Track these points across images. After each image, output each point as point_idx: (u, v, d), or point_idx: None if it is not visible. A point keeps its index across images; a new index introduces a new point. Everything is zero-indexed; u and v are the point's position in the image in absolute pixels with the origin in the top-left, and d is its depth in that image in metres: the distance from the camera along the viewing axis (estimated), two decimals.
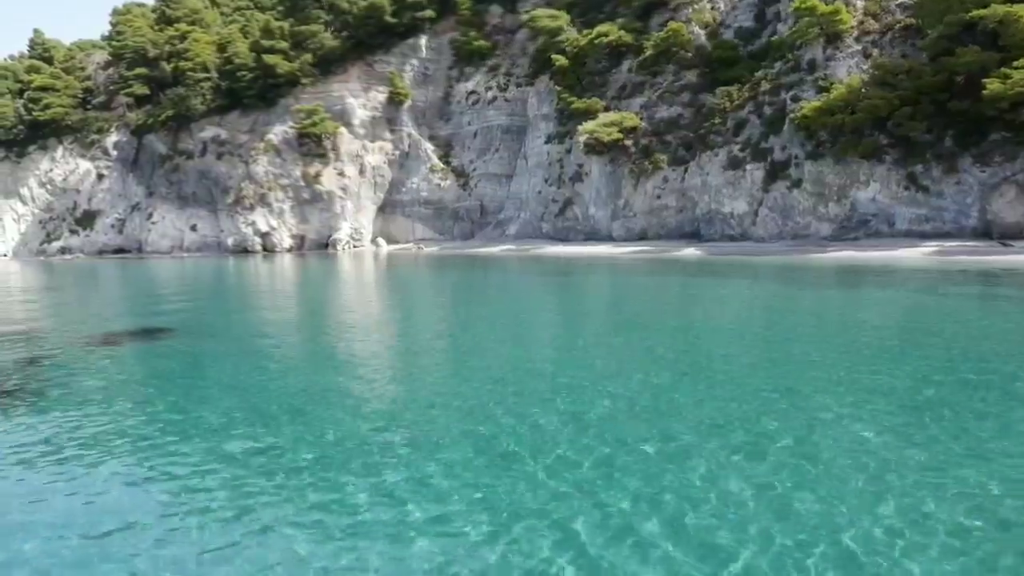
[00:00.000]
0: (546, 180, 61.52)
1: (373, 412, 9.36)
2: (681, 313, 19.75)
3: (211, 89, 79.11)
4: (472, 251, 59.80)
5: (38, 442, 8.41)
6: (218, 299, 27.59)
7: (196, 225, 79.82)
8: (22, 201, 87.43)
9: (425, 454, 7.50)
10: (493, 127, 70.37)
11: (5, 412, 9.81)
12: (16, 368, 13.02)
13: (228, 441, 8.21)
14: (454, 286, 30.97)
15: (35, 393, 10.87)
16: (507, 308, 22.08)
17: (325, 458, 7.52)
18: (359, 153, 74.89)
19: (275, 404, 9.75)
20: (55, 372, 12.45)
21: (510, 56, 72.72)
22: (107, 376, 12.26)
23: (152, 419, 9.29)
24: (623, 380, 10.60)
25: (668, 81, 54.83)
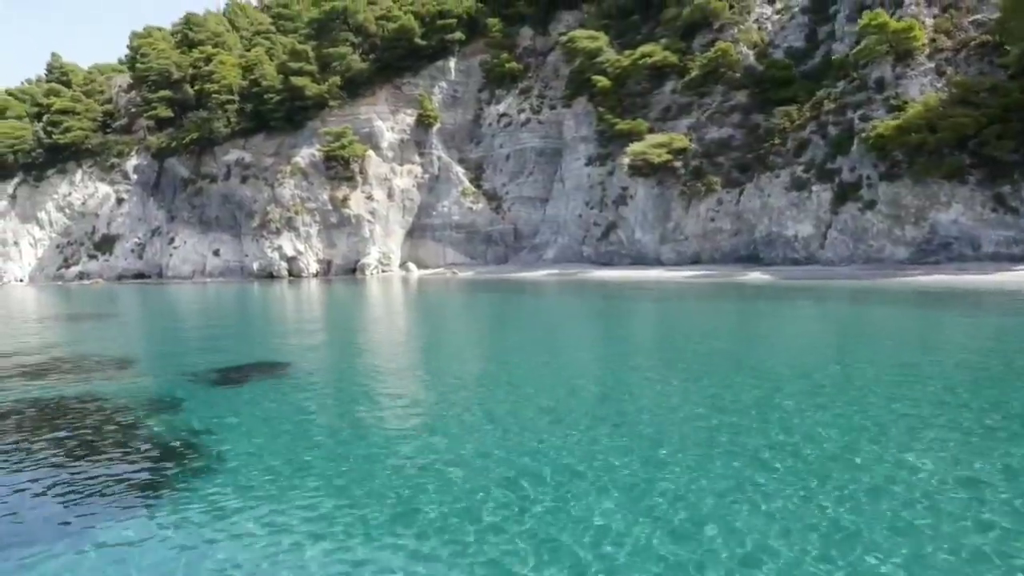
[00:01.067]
0: (587, 203, 59.27)
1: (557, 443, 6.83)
2: (818, 347, 17.17)
3: (236, 112, 77.15)
4: (510, 276, 57.27)
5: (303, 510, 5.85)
6: (290, 328, 24.96)
7: (219, 250, 77.34)
8: (39, 225, 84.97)
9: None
10: (526, 149, 68.29)
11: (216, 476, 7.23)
12: (165, 408, 10.42)
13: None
14: (515, 315, 28.37)
15: (209, 448, 8.31)
16: (592, 340, 19.50)
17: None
18: (387, 176, 72.71)
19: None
20: (206, 412, 9.88)
21: (542, 78, 70.89)
22: (275, 417, 9.68)
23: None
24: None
25: (717, 102, 52.84)
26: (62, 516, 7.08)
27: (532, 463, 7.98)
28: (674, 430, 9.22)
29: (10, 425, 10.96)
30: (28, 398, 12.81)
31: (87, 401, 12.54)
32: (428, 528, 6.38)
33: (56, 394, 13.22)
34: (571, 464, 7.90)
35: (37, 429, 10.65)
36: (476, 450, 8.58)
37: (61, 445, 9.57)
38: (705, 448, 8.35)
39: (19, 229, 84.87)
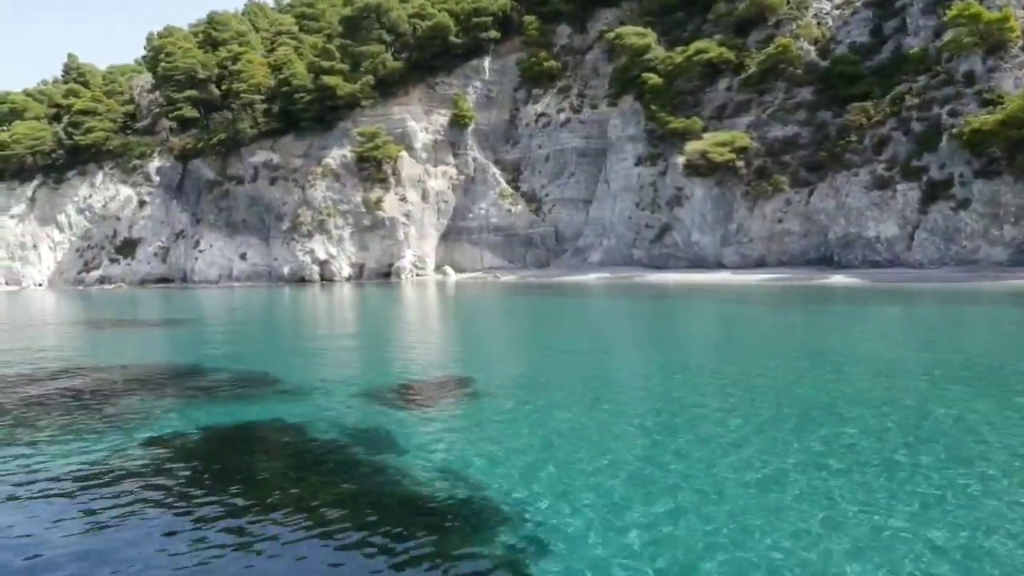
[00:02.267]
0: (637, 204, 56.61)
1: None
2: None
3: (263, 112, 74.33)
4: (555, 280, 54.55)
5: None
6: (406, 332, 22.15)
7: (246, 253, 74.45)
8: (59, 228, 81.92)
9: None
10: (567, 150, 65.63)
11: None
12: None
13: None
14: (593, 319, 25.66)
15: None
16: (727, 350, 16.79)
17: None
18: (421, 178, 69.98)
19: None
20: (461, 450, 7.14)
21: (581, 77, 68.28)
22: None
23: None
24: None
25: (779, 99, 50.32)
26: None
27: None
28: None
29: (255, 470, 8.19)
30: (227, 426, 10.03)
31: (290, 432, 9.80)
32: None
33: (243, 420, 10.47)
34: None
35: (289, 482, 7.88)
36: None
37: (336, 507, 6.78)
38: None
39: (38, 232, 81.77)
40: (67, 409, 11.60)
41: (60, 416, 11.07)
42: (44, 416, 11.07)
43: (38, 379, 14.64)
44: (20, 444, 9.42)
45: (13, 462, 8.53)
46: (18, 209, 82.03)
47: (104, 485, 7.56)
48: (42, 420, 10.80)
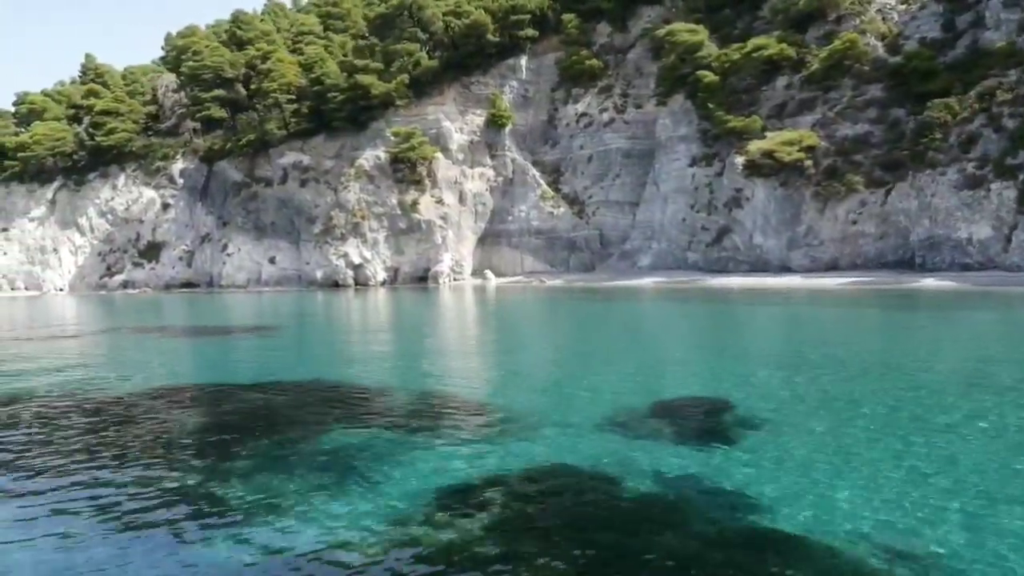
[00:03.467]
0: (691, 206, 54.15)
1: None
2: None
3: (293, 112, 71.74)
4: (606, 284, 52.01)
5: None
6: (545, 342, 19.57)
7: (275, 257, 71.77)
8: (80, 232, 79.10)
9: None
10: (611, 151, 63.17)
11: None
12: None
13: None
14: (727, 328, 23.12)
15: None
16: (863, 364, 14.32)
17: None
18: (458, 179, 67.39)
19: None
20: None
21: (623, 76, 65.84)
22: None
23: None
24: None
25: (847, 96, 47.94)
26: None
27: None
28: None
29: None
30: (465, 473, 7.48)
31: (588, 480, 7.24)
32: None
33: (513, 464, 7.93)
34: None
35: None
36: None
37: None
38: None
39: (58, 236, 78.95)
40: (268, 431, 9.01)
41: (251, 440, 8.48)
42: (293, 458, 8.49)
43: (224, 398, 12.06)
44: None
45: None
46: (38, 212, 79.25)
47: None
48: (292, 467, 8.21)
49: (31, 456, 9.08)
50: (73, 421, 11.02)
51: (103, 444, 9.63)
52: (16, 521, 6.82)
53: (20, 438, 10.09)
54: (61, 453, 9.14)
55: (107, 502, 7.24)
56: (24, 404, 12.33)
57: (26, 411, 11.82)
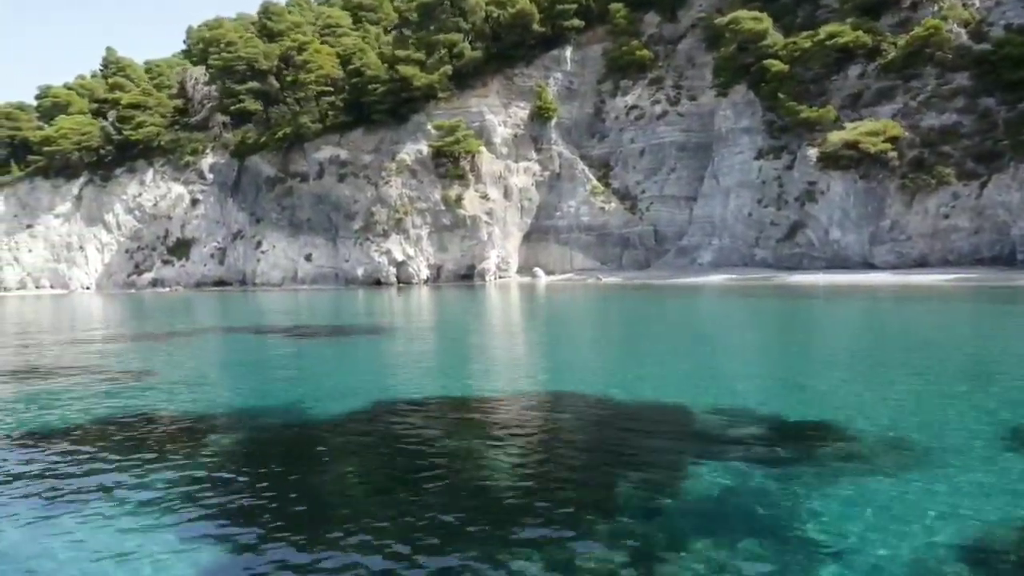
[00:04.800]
0: (758, 201, 51.64)
1: None
2: None
3: (329, 105, 68.96)
4: (670, 282, 49.35)
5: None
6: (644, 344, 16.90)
7: (311, 254, 69.08)
8: (107, 229, 76.32)
9: None
10: (665, 144, 60.61)
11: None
12: None
13: None
14: (858, 331, 20.54)
15: None
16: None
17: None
18: (502, 174, 64.78)
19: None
20: None
21: (674, 67, 63.29)
22: None
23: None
24: None
25: (932, 85, 45.44)
26: None
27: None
28: None
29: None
30: None
31: None
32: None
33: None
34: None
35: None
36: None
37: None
38: None
39: (85, 233, 76.16)
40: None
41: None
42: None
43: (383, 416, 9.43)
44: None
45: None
46: (63, 208, 76.45)
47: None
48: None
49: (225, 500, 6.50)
50: (279, 449, 8.45)
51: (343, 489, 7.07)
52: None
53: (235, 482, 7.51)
54: (256, 493, 6.59)
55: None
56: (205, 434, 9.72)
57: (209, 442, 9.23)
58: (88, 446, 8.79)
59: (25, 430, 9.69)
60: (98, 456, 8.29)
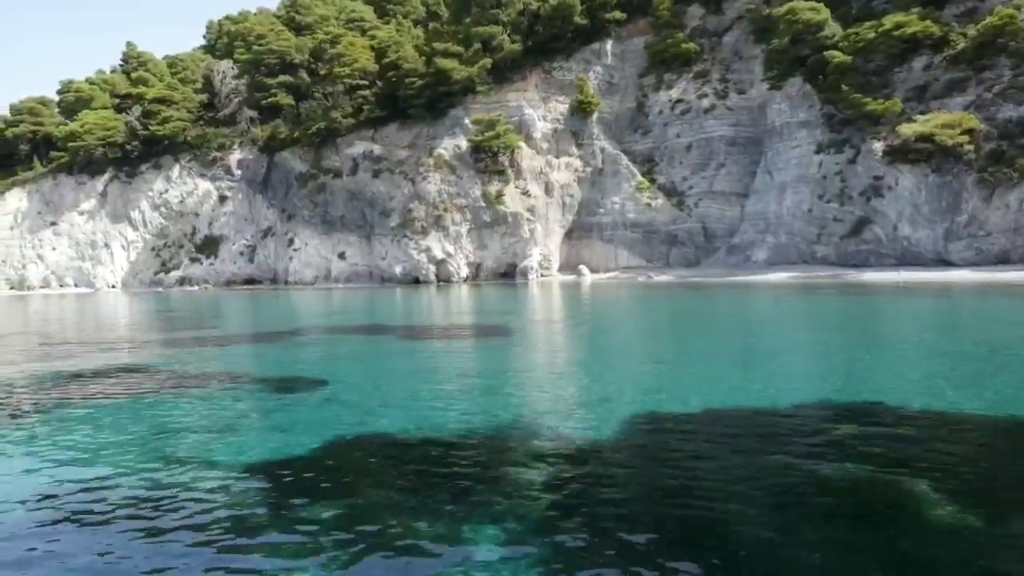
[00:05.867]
0: (819, 196, 49.72)
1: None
2: None
3: (362, 99, 66.87)
4: (727, 280, 47.38)
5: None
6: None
7: (344, 252, 66.97)
8: (132, 226, 74.14)
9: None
10: (713, 139, 58.69)
11: None
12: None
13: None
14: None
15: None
16: None
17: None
18: (543, 170, 62.79)
19: None
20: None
21: (720, 60, 61.38)
22: None
23: None
24: None
25: (1008, 76, 43.58)
26: None
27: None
28: None
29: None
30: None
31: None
32: None
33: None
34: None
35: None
36: None
37: None
38: None
39: (110, 230, 73.97)
40: None
41: None
42: None
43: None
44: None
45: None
46: (88, 205, 74.27)
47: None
48: None
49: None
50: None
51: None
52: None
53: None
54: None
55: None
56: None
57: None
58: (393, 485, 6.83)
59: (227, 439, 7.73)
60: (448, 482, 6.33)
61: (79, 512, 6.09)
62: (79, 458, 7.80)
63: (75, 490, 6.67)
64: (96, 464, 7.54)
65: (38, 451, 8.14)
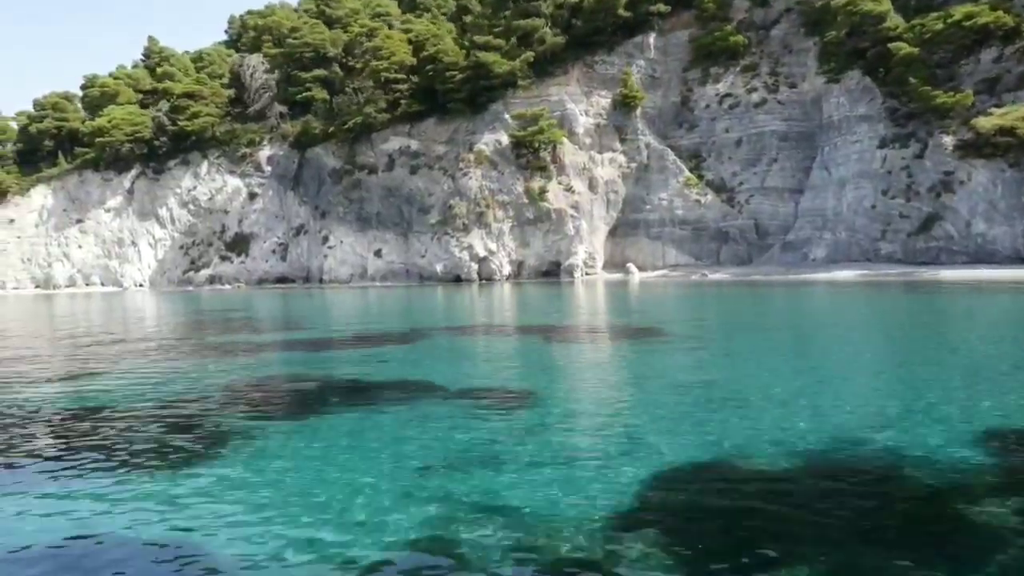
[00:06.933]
0: (883, 192, 48.06)
1: None
2: None
3: (400, 93, 64.99)
4: (787, 278, 45.71)
5: None
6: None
7: (380, 250, 65.09)
8: (160, 223, 72.14)
9: None
10: (765, 134, 57.00)
11: None
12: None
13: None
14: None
15: None
16: None
17: None
18: (586, 165, 61.00)
19: None
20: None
21: (769, 53, 59.71)
22: None
23: None
24: None
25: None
26: None
27: None
28: None
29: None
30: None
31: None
32: None
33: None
34: None
35: None
36: None
37: None
38: None
39: (137, 228, 71.97)
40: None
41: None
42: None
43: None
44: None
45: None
46: (114, 202, 72.26)
47: None
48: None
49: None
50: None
51: None
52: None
53: None
54: None
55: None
56: None
57: None
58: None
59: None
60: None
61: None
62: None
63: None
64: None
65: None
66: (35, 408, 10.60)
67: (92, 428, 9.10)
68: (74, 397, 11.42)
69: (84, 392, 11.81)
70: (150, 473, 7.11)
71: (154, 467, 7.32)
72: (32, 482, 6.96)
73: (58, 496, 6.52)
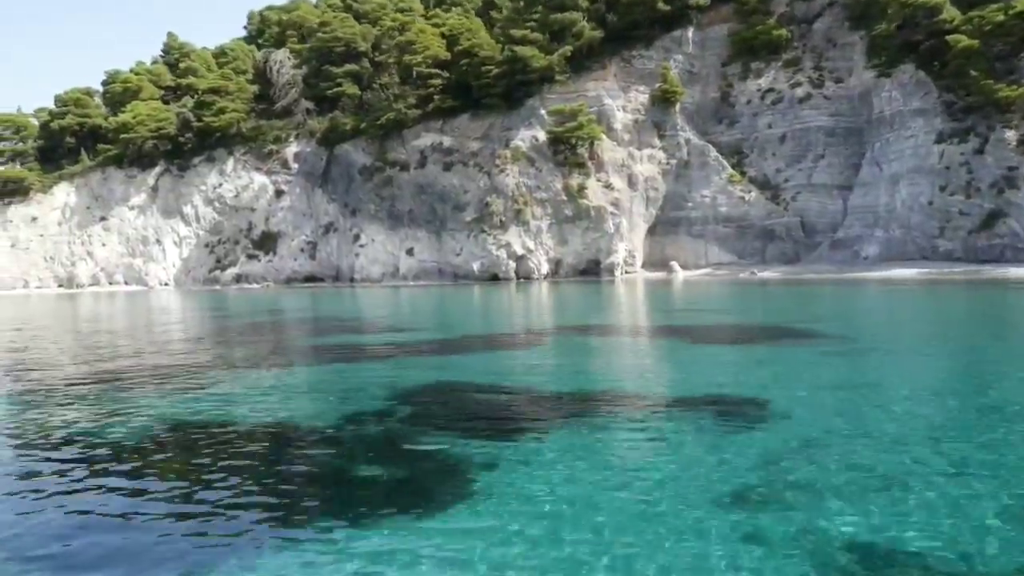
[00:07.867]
0: (942, 188, 46.72)
1: None
2: None
3: (433, 88, 63.49)
4: (843, 276, 44.34)
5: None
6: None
7: (413, 249, 63.59)
8: (185, 221, 70.56)
9: None
10: (811, 129, 55.64)
11: None
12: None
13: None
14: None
15: None
16: None
17: None
18: (625, 162, 59.55)
19: None
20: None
21: (812, 48, 58.38)
22: None
23: None
24: None
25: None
26: None
27: None
28: None
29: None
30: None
31: None
32: None
33: None
34: None
35: None
36: None
37: None
38: None
39: (161, 226, 70.37)
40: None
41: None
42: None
43: None
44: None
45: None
46: (138, 200, 70.63)
47: None
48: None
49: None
50: None
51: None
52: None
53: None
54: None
55: None
56: None
57: None
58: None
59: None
60: None
61: None
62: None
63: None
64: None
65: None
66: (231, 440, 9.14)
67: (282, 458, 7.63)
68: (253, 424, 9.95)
69: (243, 412, 10.34)
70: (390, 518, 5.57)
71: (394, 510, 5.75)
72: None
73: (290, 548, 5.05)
